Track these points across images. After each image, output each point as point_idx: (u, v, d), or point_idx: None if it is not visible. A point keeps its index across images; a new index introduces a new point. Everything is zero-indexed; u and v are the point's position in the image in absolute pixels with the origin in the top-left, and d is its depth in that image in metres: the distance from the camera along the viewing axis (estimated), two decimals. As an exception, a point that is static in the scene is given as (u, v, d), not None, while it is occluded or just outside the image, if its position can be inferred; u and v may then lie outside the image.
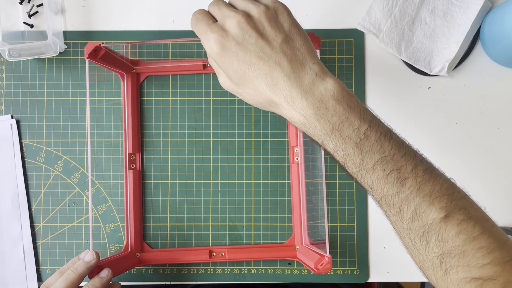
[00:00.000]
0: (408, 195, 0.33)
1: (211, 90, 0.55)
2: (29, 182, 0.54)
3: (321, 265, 0.45)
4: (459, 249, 0.32)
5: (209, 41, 0.36)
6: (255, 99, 0.37)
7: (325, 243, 0.45)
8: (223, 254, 0.53)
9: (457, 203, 0.33)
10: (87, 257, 0.46)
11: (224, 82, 0.40)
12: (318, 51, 0.45)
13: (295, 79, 0.35)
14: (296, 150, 0.53)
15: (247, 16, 0.36)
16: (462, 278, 0.32)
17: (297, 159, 0.53)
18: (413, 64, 0.54)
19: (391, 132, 0.35)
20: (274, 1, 0.37)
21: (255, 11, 0.36)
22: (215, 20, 0.37)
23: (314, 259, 0.47)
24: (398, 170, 0.34)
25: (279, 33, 0.36)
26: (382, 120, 0.36)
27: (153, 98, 0.55)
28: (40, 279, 0.54)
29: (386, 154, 0.34)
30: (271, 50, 0.35)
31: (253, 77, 0.36)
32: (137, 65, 0.54)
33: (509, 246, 0.32)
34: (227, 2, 0.39)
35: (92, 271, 0.46)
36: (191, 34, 0.40)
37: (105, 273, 0.46)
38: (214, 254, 0.53)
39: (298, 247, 0.53)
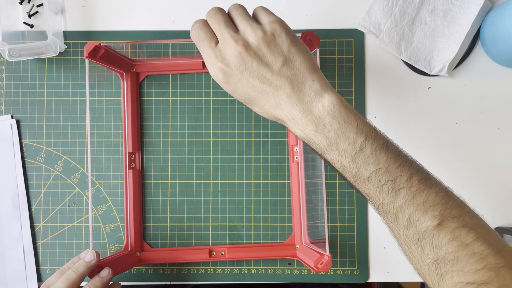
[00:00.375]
0: (403, 204, 0.34)
1: (211, 90, 0.55)
2: (29, 182, 0.54)
3: (320, 263, 0.45)
4: (453, 255, 0.33)
5: (214, 69, 0.39)
6: (261, 114, 0.40)
7: (325, 242, 0.45)
8: (223, 253, 0.53)
9: (451, 212, 0.34)
10: (88, 256, 0.46)
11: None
12: (317, 50, 0.45)
13: (295, 100, 0.37)
14: (296, 149, 0.53)
15: (247, 46, 0.37)
16: (457, 282, 0.32)
17: (296, 158, 0.53)
18: (413, 64, 0.54)
19: (388, 143, 0.36)
20: (271, 21, 0.38)
21: (253, 38, 0.37)
22: (216, 38, 0.39)
23: (313, 258, 0.47)
24: (392, 180, 0.35)
25: (278, 57, 0.37)
26: (380, 132, 0.37)
27: (153, 98, 0.55)
28: (40, 279, 0.54)
29: (381, 166, 0.35)
30: (272, 75, 0.37)
31: (258, 99, 0.38)
32: (136, 64, 0.55)
33: (506, 252, 0.33)
34: (227, 14, 0.39)
35: (93, 271, 0.46)
36: (191, 34, 0.40)
37: (106, 273, 0.46)
38: (214, 253, 0.53)
39: (298, 246, 0.53)
